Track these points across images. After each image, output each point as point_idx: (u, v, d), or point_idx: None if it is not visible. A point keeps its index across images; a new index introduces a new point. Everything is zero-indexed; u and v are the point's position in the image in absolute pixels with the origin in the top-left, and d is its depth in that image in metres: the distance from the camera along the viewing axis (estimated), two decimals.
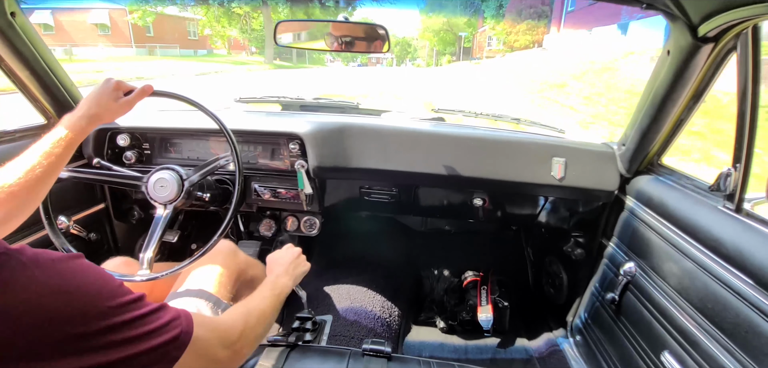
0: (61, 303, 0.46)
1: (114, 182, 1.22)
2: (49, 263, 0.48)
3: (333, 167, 1.43)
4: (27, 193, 0.75)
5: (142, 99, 0.98)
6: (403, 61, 60.01)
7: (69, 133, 0.84)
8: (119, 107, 0.94)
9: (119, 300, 0.52)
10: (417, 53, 59.27)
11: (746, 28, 0.90)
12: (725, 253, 0.93)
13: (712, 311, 0.94)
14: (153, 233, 1.12)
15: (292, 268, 1.08)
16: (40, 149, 0.79)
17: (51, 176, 0.81)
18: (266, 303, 0.90)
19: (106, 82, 0.93)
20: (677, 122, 1.19)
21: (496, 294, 1.77)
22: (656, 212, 1.20)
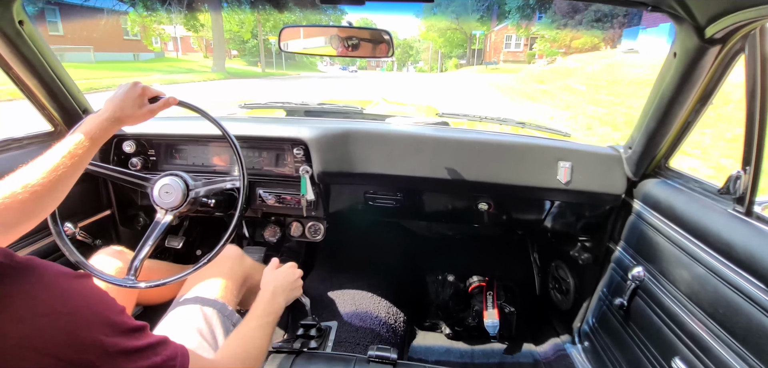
0: (58, 324, 0.45)
1: (122, 180, 1.23)
2: (53, 279, 0.47)
3: (338, 173, 1.42)
4: (49, 192, 0.76)
5: (166, 109, 0.98)
6: (405, 65, 57.17)
7: (92, 133, 0.84)
8: (143, 114, 0.94)
9: (119, 329, 0.51)
10: (419, 56, 56.31)
11: (754, 29, 0.89)
12: (736, 257, 0.91)
13: (723, 316, 0.93)
14: (148, 238, 1.12)
15: (289, 289, 1.09)
16: (64, 150, 0.80)
17: (73, 176, 0.82)
18: (264, 332, 0.92)
19: (133, 86, 0.93)
20: (684, 124, 1.18)
21: (502, 299, 1.75)
22: (664, 216, 1.19)
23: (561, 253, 1.79)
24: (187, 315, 1.00)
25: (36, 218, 0.75)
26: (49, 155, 0.78)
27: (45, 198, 0.75)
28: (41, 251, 1.25)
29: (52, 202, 0.79)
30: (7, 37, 1.08)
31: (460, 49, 41.54)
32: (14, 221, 0.70)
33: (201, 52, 31.71)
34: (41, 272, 0.47)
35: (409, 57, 58.43)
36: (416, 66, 55.70)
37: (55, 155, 0.78)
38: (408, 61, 58.98)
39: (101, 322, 0.49)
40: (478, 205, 1.60)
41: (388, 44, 1.12)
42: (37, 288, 0.45)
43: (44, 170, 0.75)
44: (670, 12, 0.96)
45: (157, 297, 1.33)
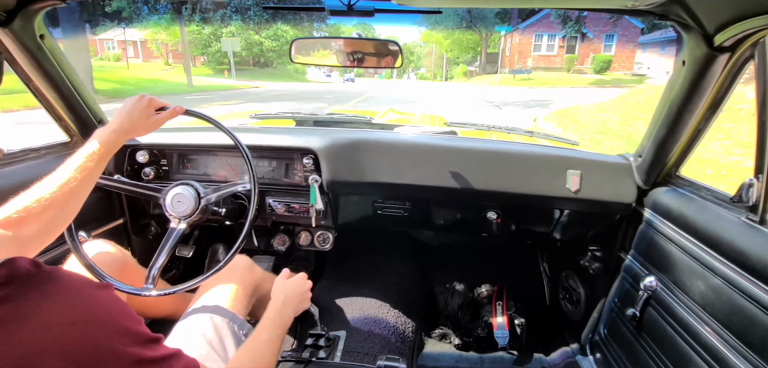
0: (77, 333, 0.46)
1: (134, 193, 1.25)
2: (78, 289, 0.49)
3: (347, 182, 1.43)
4: (61, 206, 0.78)
5: (173, 118, 1.01)
6: (405, 72, 52.47)
7: (102, 147, 0.86)
8: (150, 124, 0.97)
9: (138, 339, 0.52)
10: (420, 62, 52.18)
11: (764, 37, 0.89)
12: (751, 267, 0.90)
13: (739, 327, 0.91)
14: (163, 248, 1.13)
15: (298, 300, 1.10)
16: (74, 163, 0.82)
17: (85, 189, 0.84)
18: (274, 345, 0.93)
19: (139, 99, 0.96)
20: (695, 132, 1.17)
21: (512, 309, 1.74)
22: (676, 225, 1.18)
23: (571, 263, 1.77)
24: (197, 324, 1.01)
25: (52, 232, 0.77)
26: (60, 169, 0.80)
27: (58, 212, 0.77)
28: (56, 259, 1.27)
29: (66, 215, 0.81)
30: (29, 51, 1.11)
31: (470, 53, 35.10)
32: (31, 235, 0.72)
33: (161, 59, 28.24)
34: (67, 281, 0.48)
35: (409, 63, 53.53)
36: (418, 73, 51.62)
37: (66, 169, 0.80)
38: (408, 67, 54.37)
39: (121, 332, 0.50)
40: (486, 214, 1.60)
41: (395, 55, 1.14)
42: (63, 296, 0.47)
43: (56, 184, 0.77)
44: (678, 21, 0.97)
45: (162, 312, 1.35)
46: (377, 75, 43.75)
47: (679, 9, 0.93)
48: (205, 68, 27.47)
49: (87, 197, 0.85)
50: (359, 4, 1.05)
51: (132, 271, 1.21)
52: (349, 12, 1.08)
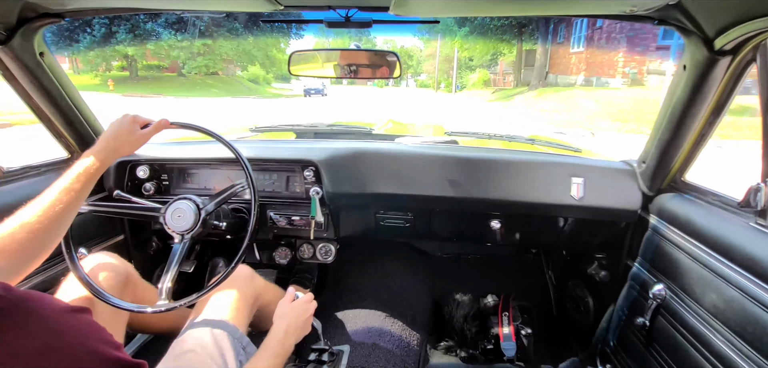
0: (45, 362, 0.44)
1: (133, 215, 1.24)
2: (49, 315, 0.47)
3: (348, 193, 1.43)
4: (47, 230, 0.77)
5: (158, 132, 1.02)
6: (403, 79, 44.64)
7: (88, 168, 0.86)
8: (136, 140, 0.97)
9: (115, 366, 0.50)
10: (420, 67, 44.20)
11: (765, 40, 0.87)
12: (763, 273, 0.88)
13: (752, 335, 0.88)
14: (170, 263, 1.13)
15: (301, 328, 1.08)
16: (60, 186, 0.81)
17: (71, 212, 0.83)
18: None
19: (123, 117, 0.97)
20: (699, 137, 1.15)
21: (519, 320, 1.71)
22: (684, 231, 1.16)
23: (578, 271, 1.74)
24: (197, 338, 1.00)
25: (37, 257, 0.76)
26: (46, 193, 0.79)
27: (44, 236, 0.76)
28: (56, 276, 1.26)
29: (52, 239, 0.79)
30: (28, 68, 1.12)
31: (489, 52, 22.22)
32: (15, 262, 0.71)
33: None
34: (38, 306, 0.46)
35: (408, 68, 45.72)
36: (417, 79, 45.16)
37: (52, 192, 0.80)
38: (407, 73, 46.32)
39: (96, 359, 0.48)
40: (490, 224, 1.58)
41: (392, 66, 1.14)
42: (32, 323, 0.45)
43: (42, 207, 0.77)
44: (678, 25, 0.96)
45: (164, 327, 1.33)
46: (370, 83, 40.10)
47: (678, 13, 0.92)
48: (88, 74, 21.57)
49: (86, 216, 0.84)
50: (357, 16, 1.06)
51: (135, 285, 1.20)
52: (347, 24, 1.08)
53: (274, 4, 0.97)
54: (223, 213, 1.37)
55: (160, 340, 1.39)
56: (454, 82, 30.01)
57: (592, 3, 0.95)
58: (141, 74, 22.46)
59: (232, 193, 1.26)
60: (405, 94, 31.73)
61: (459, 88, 29.83)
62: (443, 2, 0.92)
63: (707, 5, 0.88)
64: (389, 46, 37.61)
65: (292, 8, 1.05)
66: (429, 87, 38.83)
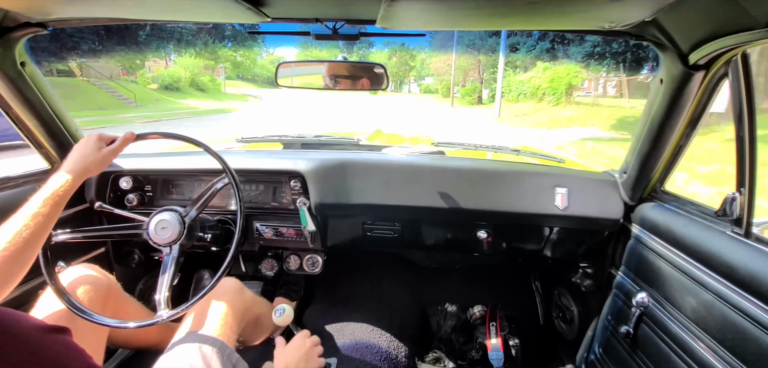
0: None
1: (114, 236, 1.21)
2: (24, 333, 0.45)
3: (335, 204, 1.42)
4: (14, 259, 0.75)
5: (126, 146, 1.01)
6: (404, 83, 39.14)
7: (56, 191, 0.85)
8: (103, 158, 0.97)
9: None
10: (426, 69, 35.00)
11: (736, 55, 0.91)
12: (740, 280, 0.90)
13: (732, 341, 0.90)
14: (164, 274, 1.11)
15: (303, 364, 1.06)
16: (28, 211, 0.80)
17: (39, 238, 0.81)
18: None
19: (87, 138, 0.97)
20: (676, 148, 1.19)
21: (506, 329, 1.72)
22: (664, 240, 1.18)
23: (563, 280, 1.77)
24: (184, 355, 0.97)
25: (5, 286, 0.74)
26: (13, 219, 0.78)
27: (11, 264, 0.74)
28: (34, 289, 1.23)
29: (20, 267, 0.78)
30: (9, 78, 1.10)
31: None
32: None
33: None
34: (13, 326, 0.45)
35: (410, 69, 37.77)
36: (421, 84, 37.27)
37: (19, 218, 0.78)
38: (408, 75, 38.80)
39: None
40: (477, 233, 1.59)
41: (380, 79, 1.15)
42: (7, 343, 0.44)
43: (8, 234, 0.75)
44: (654, 41, 0.99)
45: (147, 342, 1.30)
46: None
47: (654, 29, 0.95)
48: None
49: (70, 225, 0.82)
50: (344, 29, 1.07)
51: (117, 298, 1.17)
52: (334, 36, 1.09)
53: (261, 16, 0.98)
54: (209, 225, 1.36)
55: (143, 356, 1.36)
56: (481, 91, 19.94)
57: (573, 19, 0.98)
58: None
59: (212, 194, 1.21)
60: (404, 102, 26.95)
61: (486, 98, 21.29)
62: (429, 16, 0.94)
63: (681, 22, 0.91)
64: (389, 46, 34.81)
65: (279, 20, 1.05)
66: (435, 92, 31.74)
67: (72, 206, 1.39)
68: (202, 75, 26.39)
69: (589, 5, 0.82)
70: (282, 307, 1.35)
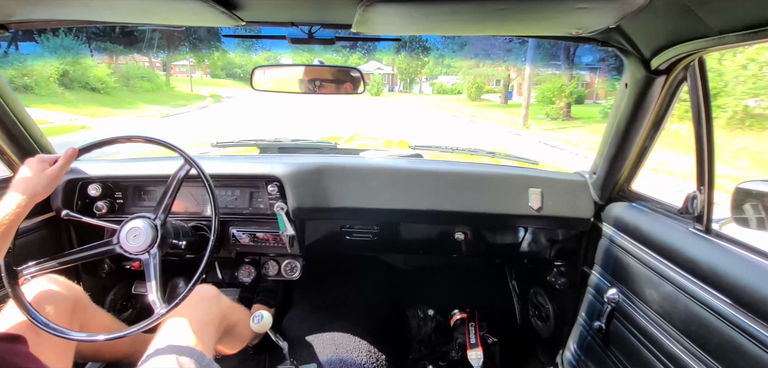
0: None
1: (84, 258, 1.15)
2: None
3: (313, 208, 1.42)
4: None
5: (69, 163, 0.99)
6: (416, 82, 33.40)
7: (1, 221, 0.84)
8: (48, 179, 0.95)
9: None
10: (441, 67, 30.93)
11: (693, 60, 0.96)
12: (701, 274, 0.94)
13: (696, 333, 0.94)
14: (150, 280, 1.08)
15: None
16: None
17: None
18: None
19: (28, 162, 0.95)
20: (641, 149, 1.24)
21: (485, 330, 1.74)
22: (632, 238, 1.23)
23: (539, 279, 1.81)
24: (161, 367, 0.95)
25: None
26: None
27: None
28: None
29: None
30: None
31: None
32: None
33: None
34: None
35: (422, 66, 31.59)
36: (434, 83, 31.83)
37: None
38: (420, 73, 32.52)
39: None
40: (454, 235, 1.61)
41: (356, 82, 1.15)
42: None
43: None
44: (619, 46, 1.04)
45: (118, 354, 1.26)
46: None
47: (618, 36, 1.00)
48: None
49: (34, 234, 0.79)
50: (320, 33, 1.07)
51: (85, 310, 1.13)
52: (310, 40, 1.09)
53: (235, 20, 0.97)
54: (183, 231, 1.32)
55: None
56: (526, 106, 14.78)
57: (543, 25, 1.01)
58: None
59: (177, 185, 1.16)
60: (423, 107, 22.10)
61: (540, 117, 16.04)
62: (403, 22, 0.95)
63: (643, 29, 0.96)
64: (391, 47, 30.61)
65: (254, 24, 1.04)
66: (453, 92, 28.29)
67: (38, 215, 1.33)
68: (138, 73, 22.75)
69: (558, 13, 0.85)
70: (260, 314, 1.33)
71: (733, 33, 0.76)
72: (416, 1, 0.78)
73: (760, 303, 0.79)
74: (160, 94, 21.68)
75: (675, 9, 0.80)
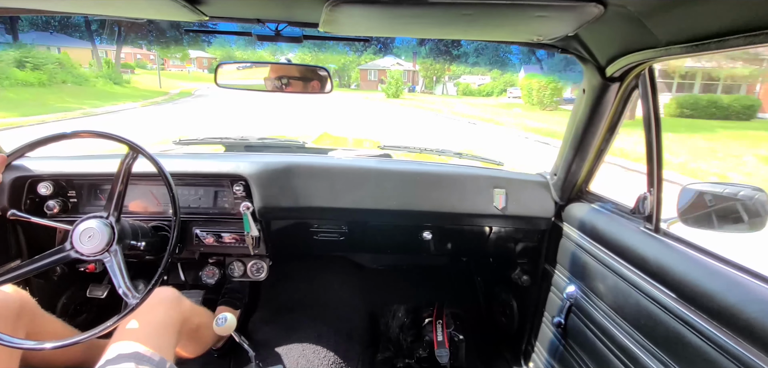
0: None
1: (36, 270, 1.05)
2: None
3: (280, 208, 1.40)
4: None
5: (1, 170, 0.91)
6: (440, 82, 28.73)
7: None
8: None
9: None
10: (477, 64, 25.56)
11: (644, 70, 1.02)
12: (650, 270, 1.00)
13: (645, 326, 1.00)
14: (116, 275, 1.03)
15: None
16: None
17: None
18: None
19: None
20: (598, 152, 1.30)
21: (452, 327, 1.77)
22: (589, 236, 1.29)
23: (503, 277, 1.86)
24: None
25: None
26: None
27: None
28: None
29: None
30: None
31: None
32: None
33: None
34: None
35: (452, 62, 26.84)
36: (470, 86, 27.59)
37: None
38: (448, 70, 28.47)
39: None
40: (422, 234, 1.63)
41: (324, 81, 1.15)
42: None
43: None
44: (577, 54, 1.09)
45: (70, 362, 1.19)
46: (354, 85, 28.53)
47: (576, 44, 1.04)
48: None
49: None
50: (287, 31, 1.05)
51: (32, 317, 1.06)
52: (277, 37, 1.08)
53: (197, 14, 0.94)
54: (142, 232, 1.27)
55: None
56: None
57: (506, 31, 1.04)
58: None
59: (125, 175, 1.09)
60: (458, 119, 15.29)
61: None
62: (370, 23, 0.96)
63: (599, 38, 1.01)
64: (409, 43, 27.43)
65: (217, 19, 1.02)
66: (480, 94, 24.65)
67: None
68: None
69: (520, 20, 0.88)
70: (224, 316, 1.30)
71: (679, 45, 0.81)
72: (382, 3, 0.78)
73: (701, 297, 0.85)
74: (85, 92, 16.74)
75: (627, 20, 0.85)
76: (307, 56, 25.22)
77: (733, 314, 0.78)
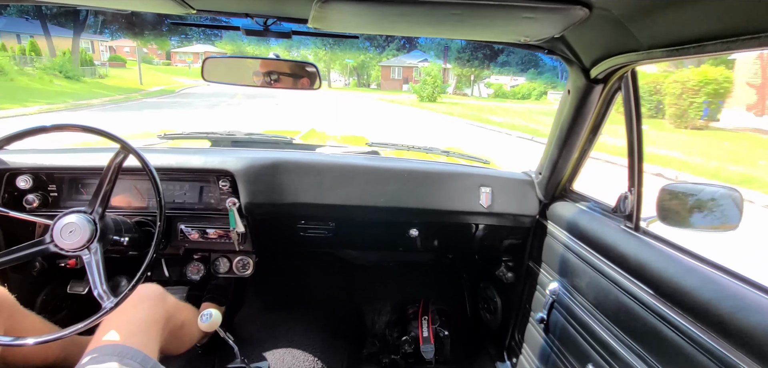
0: None
1: (13, 261, 1.02)
2: None
3: (267, 204, 1.39)
4: None
5: None
6: (474, 84, 26.76)
7: None
8: None
9: None
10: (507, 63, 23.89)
11: (627, 72, 1.05)
12: (629, 268, 1.03)
13: (624, 322, 1.03)
14: (93, 275, 1.02)
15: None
16: None
17: None
18: None
19: None
20: (581, 152, 1.33)
21: (437, 323, 1.80)
22: (572, 234, 1.32)
23: (488, 274, 1.89)
24: None
25: None
26: None
27: None
28: None
29: None
30: None
31: None
32: None
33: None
34: None
35: (485, 61, 24.44)
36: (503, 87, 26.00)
37: None
38: (472, 75, 26.69)
39: None
40: (409, 231, 1.65)
41: (312, 77, 1.14)
42: None
43: None
44: (563, 55, 1.11)
45: (49, 359, 1.17)
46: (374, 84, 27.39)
47: (562, 45, 1.06)
48: None
49: None
50: (275, 26, 1.05)
51: (10, 313, 1.04)
52: (266, 33, 1.07)
53: (185, 7, 0.92)
54: (126, 227, 1.25)
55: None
56: None
57: (494, 32, 1.05)
58: None
59: (114, 173, 1.08)
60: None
61: None
62: (360, 20, 0.96)
63: (584, 40, 1.03)
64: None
65: (205, 13, 1.00)
66: (516, 96, 22.96)
67: None
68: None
69: (507, 21, 0.90)
70: (209, 312, 1.29)
71: (660, 49, 0.84)
72: (371, 0, 0.78)
73: (678, 294, 0.88)
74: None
75: (611, 24, 0.87)
76: (321, 52, 23.94)
77: (707, 310, 0.80)
